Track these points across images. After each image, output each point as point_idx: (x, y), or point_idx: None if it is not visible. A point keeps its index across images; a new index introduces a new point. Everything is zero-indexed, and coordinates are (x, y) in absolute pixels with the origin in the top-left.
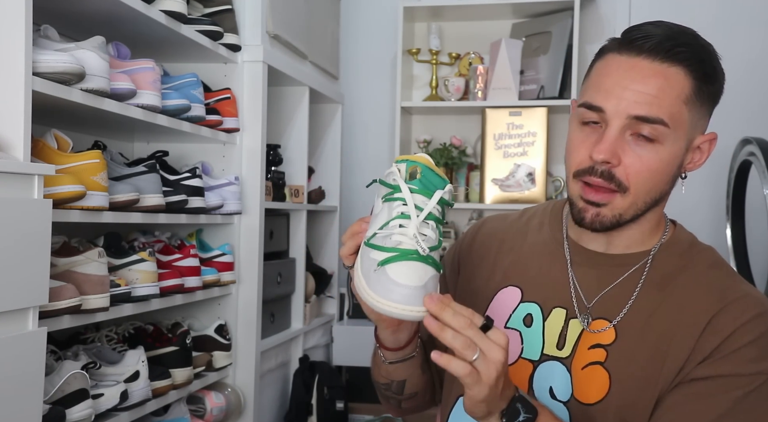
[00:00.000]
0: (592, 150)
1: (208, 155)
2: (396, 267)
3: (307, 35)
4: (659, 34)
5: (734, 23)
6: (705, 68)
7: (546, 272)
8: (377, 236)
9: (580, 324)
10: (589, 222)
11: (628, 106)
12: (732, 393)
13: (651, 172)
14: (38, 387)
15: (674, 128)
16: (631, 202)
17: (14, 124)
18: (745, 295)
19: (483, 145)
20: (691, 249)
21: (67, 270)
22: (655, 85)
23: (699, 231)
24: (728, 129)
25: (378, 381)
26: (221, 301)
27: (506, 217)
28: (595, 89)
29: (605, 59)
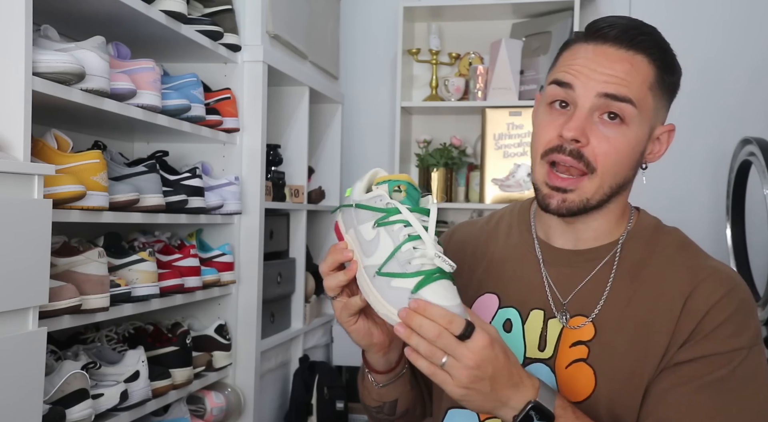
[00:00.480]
0: (562, 129)
1: (208, 155)
2: (431, 291)
3: (307, 35)
4: (623, 23)
5: (733, 23)
6: (666, 58)
7: (520, 275)
8: (391, 264)
9: (559, 322)
10: (555, 209)
11: (597, 85)
12: (716, 373)
13: (618, 154)
14: (38, 387)
15: (640, 111)
16: (598, 185)
17: (14, 124)
18: (714, 272)
19: (483, 145)
20: (657, 234)
21: (67, 270)
22: (622, 69)
23: (699, 232)
24: (728, 129)
25: (369, 406)
26: (221, 301)
27: (475, 223)
28: (564, 70)
29: (572, 49)
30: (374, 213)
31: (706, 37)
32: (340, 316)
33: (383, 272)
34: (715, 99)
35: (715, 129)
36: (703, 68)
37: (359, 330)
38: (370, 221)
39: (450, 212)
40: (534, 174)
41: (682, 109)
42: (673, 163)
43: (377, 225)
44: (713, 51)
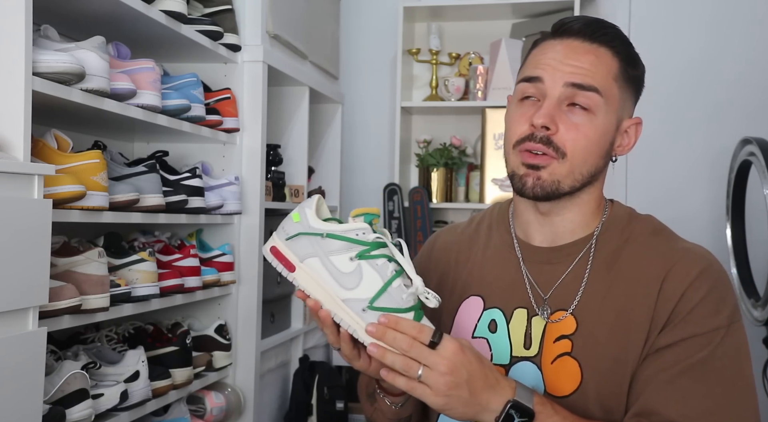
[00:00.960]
0: (532, 117)
1: (208, 155)
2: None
3: (307, 35)
4: (585, 19)
5: (733, 23)
6: (629, 51)
7: (502, 276)
8: (382, 299)
9: (542, 319)
10: (530, 188)
11: (564, 76)
12: (697, 355)
13: (587, 140)
14: (38, 387)
15: (606, 99)
16: (568, 170)
17: (14, 124)
18: (687, 253)
19: (483, 145)
20: (630, 222)
21: (67, 270)
22: (587, 60)
23: (699, 231)
24: (728, 129)
25: None
26: (221, 301)
27: (456, 228)
28: (533, 66)
29: (540, 47)
30: (352, 245)
31: (707, 36)
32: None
33: (376, 307)
34: (715, 99)
35: (715, 129)
36: (703, 68)
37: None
38: (347, 253)
39: (450, 212)
40: (509, 164)
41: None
42: (673, 162)
43: (358, 258)
44: (713, 51)
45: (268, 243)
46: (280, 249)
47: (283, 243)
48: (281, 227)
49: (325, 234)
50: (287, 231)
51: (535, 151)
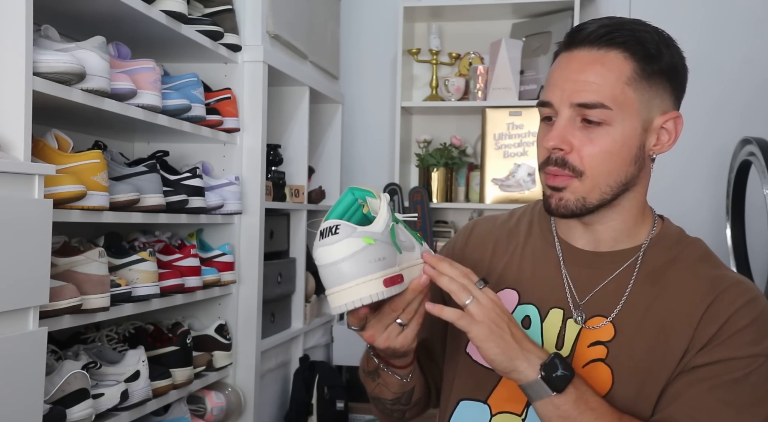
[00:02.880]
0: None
1: (208, 155)
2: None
3: (307, 35)
4: (596, 24)
5: (734, 23)
6: (646, 48)
7: (540, 273)
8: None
9: (576, 323)
10: (554, 208)
11: (570, 96)
12: (731, 375)
13: (605, 153)
14: (39, 387)
15: (619, 109)
16: (590, 186)
17: (15, 124)
18: (736, 283)
19: (483, 145)
20: (680, 243)
21: (68, 270)
22: (592, 71)
23: (699, 232)
24: (728, 129)
25: (385, 399)
26: (221, 301)
27: (496, 219)
28: (545, 87)
29: (556, 60)
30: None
31: (707, 36)
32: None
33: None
34: (715, 99)
35: (714, 129)
36: (703, 67)
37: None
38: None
39: (450, 212)
40: (541, 184)
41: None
42: (673, 162)
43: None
44: (713, 50)
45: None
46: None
47: (388, 271)
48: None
49: (393, 224)
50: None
51: (553, 173)
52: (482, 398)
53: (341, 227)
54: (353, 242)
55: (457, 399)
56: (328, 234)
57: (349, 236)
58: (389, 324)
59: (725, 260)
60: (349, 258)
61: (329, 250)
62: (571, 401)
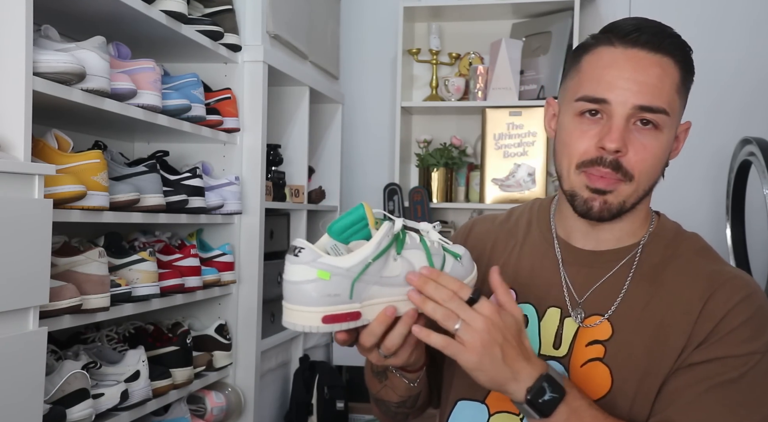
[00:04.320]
0: (602, 140)
1: (208, 155)
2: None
3: (307, 35)
4: (649, 26)
5: (734, 23)
6: (688, 59)
7: (538, 273)
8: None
9: (574, 322)
10: (597, 212)
11: (632, 96)
12: (728, 374)
13: (654, 159)
14: (39, 387)
15: (671, 116)
16: (634, 190)
17: (15, 124)
18: (733, 278)
19: (483, 145)
20: (677, 238)
21: (68, 270)
22: (654, 74)
23: (699, 231)
24: (728, 129)
25: (390, 401)
26: (221, 301)
27: (494, 219)
28: (594, 82)
29: (597, 53)
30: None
31: (706, 36)
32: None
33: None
34: (714, 99)
35: (714, 129)
36: (703, 67)
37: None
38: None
39: (450, 212)
40: (568, 182)
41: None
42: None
43: (399, 253)
44: (713, 51)
45: (309, 318)
46: (333, 312)
47: (332, 307)
48: (311, 296)
49: (371, 262)
50: (329, 293)
51: (603, 175)
52: (480, 398)
53: (304, 251)
54: (307, 271)
55: (455, 399)
56: (292, 252)
57: (307, 264)
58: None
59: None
60: (299, 284)
61: (288, 268)
62: (562, 421)
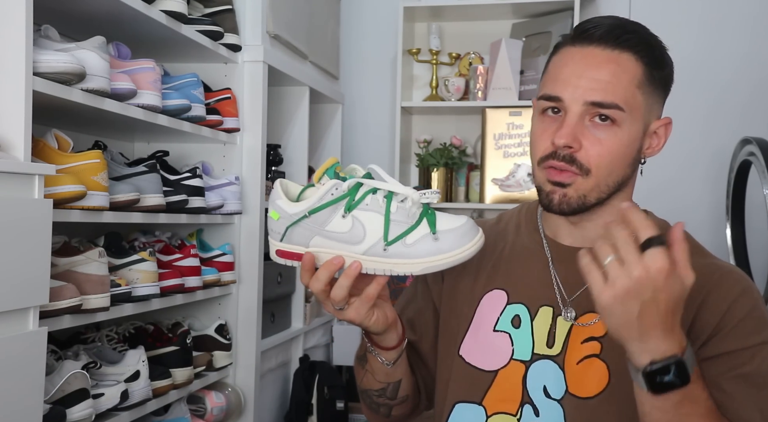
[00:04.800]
0: (554, 136)
1: (208, 155)
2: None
3: (307, 35)
4: (608, 23)
5: (733, 22)
6: (654, 53)
7: (529, 272)
8: (393, 229)
9: (566, 320)
10: (557, 204)
11: (584, 93)
12: (741, 369)
13: (612, 154)
14: (39, 387)
15: (629, 111)
16: (593, 184)
17: (15, 124)
18: (729, 271)
19: (483, 145)
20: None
21: (68, 270)
22: (608, 70)
23: (699, 231)
24: (728, 129)
25: (371, 389)
26: (221, 301)
27: (484, 224)
28: (552, 81)
29: (560, 53)
30: (335, 206)
31: (707, 36)
32: (359, 317)
33: (392, 240)
34: (715, 99)
35: (715, 129)
36: (703, 67)
37: (379, 319)
38: (336, 214)
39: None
40: (535, 179)
41: (682, 109)
42: (673, 162)
43: (348, 212)
44: (713, 50)
45: (271, 248)
46: (283, 248)
47: (281, 244)
48: (270, 231)
49: (308, 213)
50: (277, 232)
51: (559, 168)
52: (477, 400)
53: (273, 191)
54: (270, 209)
55: (452, 402)
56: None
57: (271, 202)
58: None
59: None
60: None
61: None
62: (669, 404)
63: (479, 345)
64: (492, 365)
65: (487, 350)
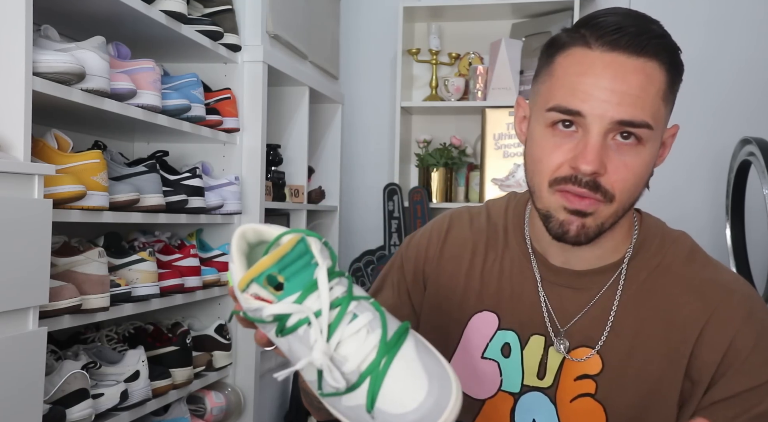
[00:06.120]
0: (576, 160)
1: (208, 155)
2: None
3: (307, 35)
4: (632, 25)
5: (734, 23)
6: (676, 60)
7: (518, 294)
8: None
9: (558, 352)
10: (573, 236)
11: (610, 109)
12: (756, 408)
13: (636, 178)
14: (38, 387)
15: (655, 128)
16: (614, 211)
17: (14, 124)
18: (729, 294)
19: (483, 145)
20: (663, 244)
21: (68, 270)
22: (636, 83)
23: (699, 232)
24: (728, 129)
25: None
26: (221, 301)
27: (472, 220)
28: (567, 91)
29: (572, 55)
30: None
31: (706, 36)
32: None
33: (327, 393)
34: (715, 99)
35: (715, 129)
36: (703, 68)
37: None
38: (270, 331)
39: None
40: (541, 201)
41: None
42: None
43: (282, 335)
44: (713, 50)
45: None
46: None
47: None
48: None
49: (243, 314)
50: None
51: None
52: (469, 419)
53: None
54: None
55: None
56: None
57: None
58: None
59: (725, 260)
60: None
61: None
62: None
63: (466, 371)
64: (479, 393)
65: (474, 377)
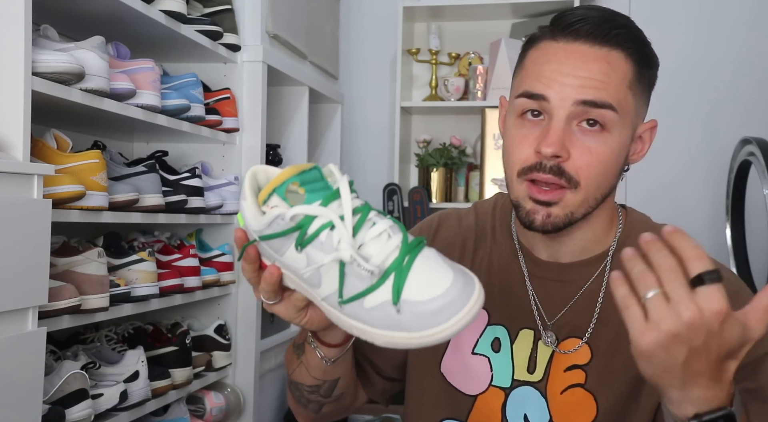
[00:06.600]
0: (539, 144)
1: (207, 155)
2: (415, 285)
3: (307, 35)
4: (595, 16)
5: (733, 22)
6: (644, 51)
7: (507, 289)
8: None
9: (546, 345)
10: (540, 225)
11: (573, 91)
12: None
13: (602, 165)
14: (38, 387)
15: (621, 114)
16: (582, 199)
17: (14, 124)
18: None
19: (483, 145)
20: None
21: (67, 270)
22: (598, 69)
23: (699, 231)
24: (728, 129)
25: (303, 384)
26: (221, 301)
27: (460, 219)
28: (534, 78)
29: (539, 48)
30: (286, 237)
31: (706, 36)
32: (288, 316)
33: (347, 299)
34: (714, 99)
35: (715, 129)
36: (702, 67)
37: (313, 320)
38: (289, 245)
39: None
40: (512, 191)
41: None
42: (672, 163)
43: (301, 247)
44: (713, 50)
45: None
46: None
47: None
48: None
49: (259, 238)
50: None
51: (545, 185)
52: (462, 418)
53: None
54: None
55: (439, 418)
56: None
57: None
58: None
59: (725, 260)
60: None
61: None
62: None
63: (458, 366)
64: (471, 389)
65: (465, 373)
